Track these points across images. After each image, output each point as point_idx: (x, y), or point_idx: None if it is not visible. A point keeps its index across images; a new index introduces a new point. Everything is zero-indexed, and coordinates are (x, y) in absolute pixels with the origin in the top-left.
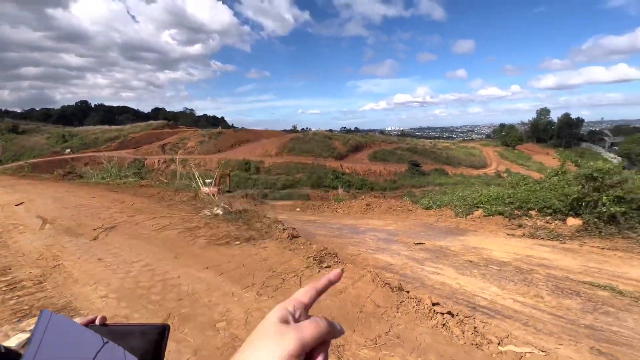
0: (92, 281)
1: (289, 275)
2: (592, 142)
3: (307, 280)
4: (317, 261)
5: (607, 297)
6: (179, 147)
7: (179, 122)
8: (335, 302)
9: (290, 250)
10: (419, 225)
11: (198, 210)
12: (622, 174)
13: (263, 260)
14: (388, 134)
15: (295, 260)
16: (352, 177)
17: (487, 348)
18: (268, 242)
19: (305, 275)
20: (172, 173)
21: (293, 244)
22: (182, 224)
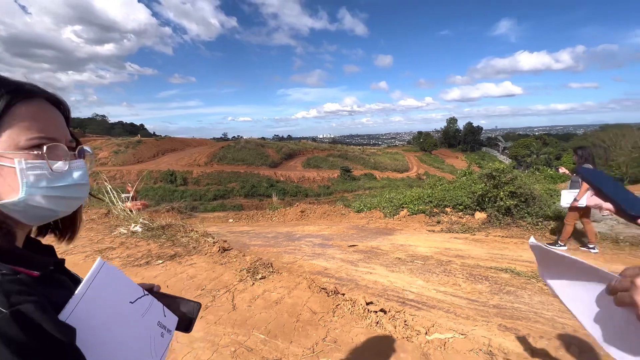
0: None
1: (220, 291)
2: (490, 147)
3: (240, 295)
4: (251, 273)
5: (508, 279)
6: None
7: (87, 130)
8: (271, 314)
9: (221, 265)
10: (352, 228)
11: (112, 228)
12: (513, 172)
13: (190, 279)
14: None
15: (226, 275)
16: (286, 184)
17: (417, 339)
18: (196, 258)
19: (239, 289)
20: None
21: (224, 258)
22: (90, 245)
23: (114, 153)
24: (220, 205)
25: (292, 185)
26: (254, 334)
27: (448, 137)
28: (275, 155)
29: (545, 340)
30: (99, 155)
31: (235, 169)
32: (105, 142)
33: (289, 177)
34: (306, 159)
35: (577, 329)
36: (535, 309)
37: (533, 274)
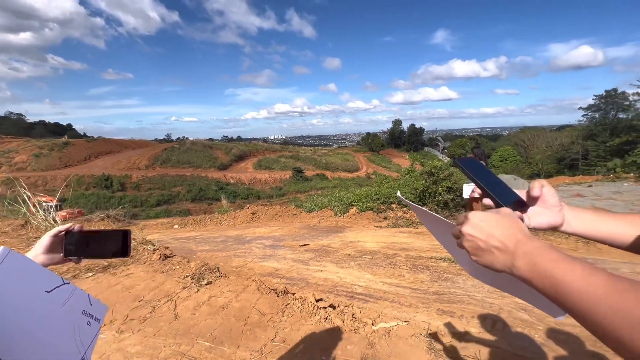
0: None
1: (160, 301)
2: (431, 147)
3: (183, 303)
4: (196, 279)
5: (446, 267)
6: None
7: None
8: (217, 319)
9: (163, 273)
10: (303, 228)
11: (30, 241)
12: (449, 169)
13: (126, 290)
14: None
15: (168, 283)
16: (237, 187)
17: (363, 330)
18: (133, 268)
19: (181, 297)
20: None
21: (166, 265)
22: None
23: (34, 156)
24: (165, 211)
25: (243, 187)
26: (198, 342)
27: (394, 137)
28: (224, 156)
29: (476, 319)
30: (14, 159)
31: (181, 172)
32: (23, 144)
33: (240, 179)
34: (257, 160)
35: (502, 307)
36: (469, 292)
37: None
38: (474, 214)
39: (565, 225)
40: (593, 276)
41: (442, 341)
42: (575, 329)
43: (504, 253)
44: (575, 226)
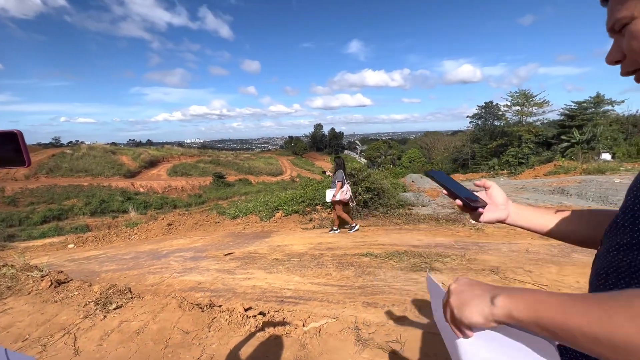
0: None
1: (54, 336)
2: (350, 150)
3: (86, 335)
4: (101, 305)
5: (368, 261)
6: None
7: None
8: (132, 347)
9: (55, 302)
10: (228, 236)
11: None
12: (367, 170)
13: (4, 330)
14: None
15: (64, 314)
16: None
17: (295, 332)
18: (12, 302)
19: (83, 328)
20: None
21: (59, 293)
22: None
23: None
24: (54, 229)
25: (156, 196)
26: None
27: (316, 141)
28: (131, 163)
29: (396, 306)
30: None
31: (75, 182)
32: None
33: (152, 187)
34: (172, 166)
35: (416, 292)
36: (389, 282)
37: (386, 254)
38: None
39: (509, 219)
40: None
41: (368, 331)
42: None
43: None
44: (517, 219)
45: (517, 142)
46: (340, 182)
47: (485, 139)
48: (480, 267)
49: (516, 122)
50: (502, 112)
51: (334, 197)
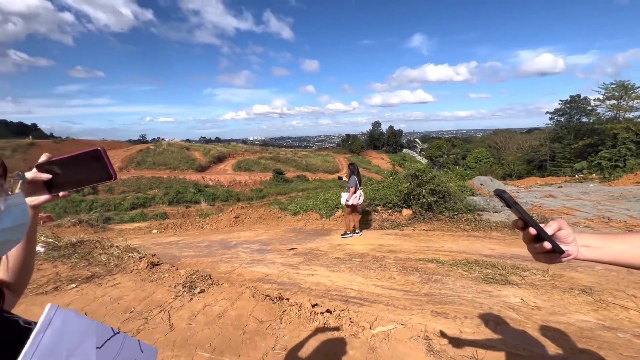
0: None
1: (153, 311)
2: (409, 149)
3: (177, 313)
4: (188, 288)
5: (435, 268)
6: None
7: None
8: (215, 329)
9: (152, 282)
10: (289, 231)
11: None
12: (432, 172)
13: (115, 301)
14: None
15: (159, 292)
16: (216, 189)
17: (363, 334)
18: (120, 277)
19: (175, 307)
20: None
21: (154, 274)
22: None
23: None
24: (140, 215)
25: (223, 189)
26: (197, 353)
27: (373, 139)
28: (202, 158)
29: (470, 319)
30: None
31: (157, 174)
32: None
33: (219, 181)
34: (237, 161)
35: (491, 307)
36: (459, 293)
37: (454, 262)
38: None
39: (579, 255)
40: None
41: (440, 342)
42: (561, 325)
43: None
44: (587, 254)
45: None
46: (354, 188)
47: (569, 137)
48: (567, 286)
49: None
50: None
51: (347, 201)
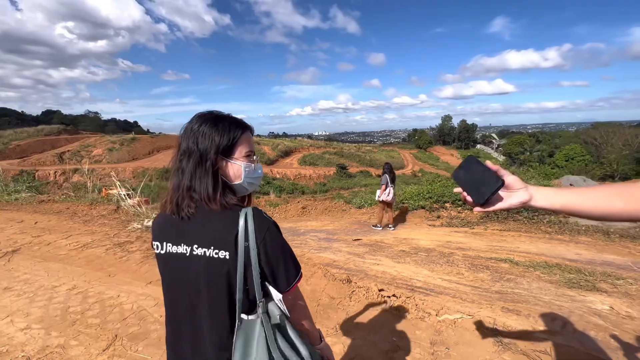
0: (3, 314)
1: None
2: (484, 144)
3: None
4: None
5: (508, 268)
6: (81, 156)
7: (80, 127)
8: None
9: None
10: (354, 223)
11: (124, 224)
12: (510, 169)
13: None
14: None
15: None
16: (282, 181)
17: (429, 319)
18: None
19: None
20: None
21: None
22: (108, 239)
23: (108, 150)
24: None
25: (289, 182)
26: None
27: (443, 134)
28: (271, 152)
29: (545, 319)
30: (92, 152)
31: None
32: (99, 140)
33: (285, 174)
34: (302, 156)
35: (572, 310)
36: (534, 294)
37: (531, 263)
38: None
39: (532, 201)
40: None
41: (510, 335)
42: None
43: None
44: (540, 201)
45: None
46: (384, 185)
47: None
48: None
49: None
50: None
51: (378, 197)
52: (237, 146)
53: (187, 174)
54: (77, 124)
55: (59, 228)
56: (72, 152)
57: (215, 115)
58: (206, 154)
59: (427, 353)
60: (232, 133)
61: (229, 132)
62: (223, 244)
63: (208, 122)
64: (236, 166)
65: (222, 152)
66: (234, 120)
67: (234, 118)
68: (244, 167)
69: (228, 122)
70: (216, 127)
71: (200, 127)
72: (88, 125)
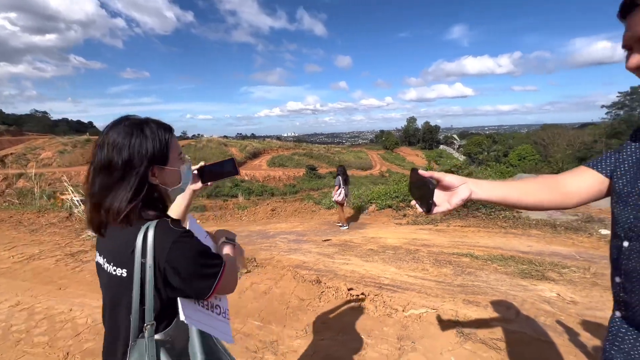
0: None
1: None
2: (446, 145)
3: None
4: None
5: (468, 262)
6: (27, 160)
7: (24, 128)
8: (262, 303)
9: None
10: (324, 224)
11: (78, 232)
12: (469, 168)
13: None
14: (285, 140)
15: None
16: (251, 184)
17: (396, 315)
18: None
19: None
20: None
21: None
22: (58, 249)
23: (59, 153)
24: None
25: (258, 184)
26: (249, 321)
27: (408, 135)
28: (239, 154)
29: (501, 308)
30: (41, 155)
31: None
32: (49, 142)
33: (254, 176)
34: (271, 157)
35: (525, 299)
36: (492, 285)
37: (489, 257)
38: None
39: (473, 194)
40: None
41: (470, 326)
42: (597, 319)
43: None
44: (480, 194)
45: None
46: (337, 186)
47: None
48: (609, 284)
49: None
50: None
51: (333, 197)
52: (170, 151)
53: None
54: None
55: (1, 239)
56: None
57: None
58: (134, 167)
59: (394, 348)
60: (163, 137)
61: (160, 137)
62: (121, 261)
63: (133, 130)
64: (174, 172)
65: (157, 160)
66: (160, 123)
67: (158, 121)
68: (182, 171)
69: (155, 126)
70: (144, 135)
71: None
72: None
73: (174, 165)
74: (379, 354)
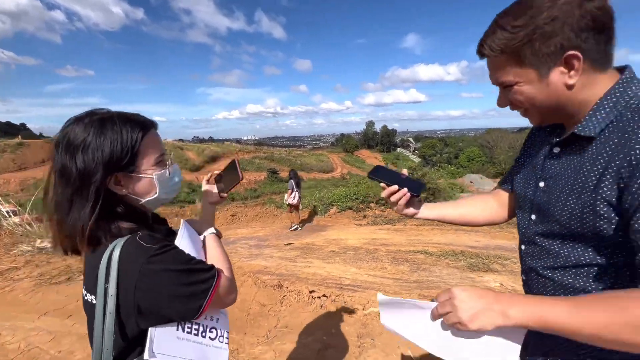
0: None
1: None
2: (403, 148)
3: None
4: None
5: (423, 259)
6: None
7: None
8: None
9: None
10: (286, 228)
11: (8, 247)
12: (423, 169)
13: None
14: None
15: None
16: None
17: (356, 314)
18: None
19: None
20: None
21: None
22: None
23: None
24: None
25: None
26: None
27: (367, 139)
28: (196, 158)
29: None
30: None
31: None
32: None
33: None
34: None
35: None
36: (444, 279)
37: (442, 253)
38: (457, 290)
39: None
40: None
41: None
42: None
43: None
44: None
45: None
46: (291, 190)
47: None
48: None
49: None
50: None
51: (285, 200)
52: (141, 154)
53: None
54: None
55: None
56: None
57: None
58: (89, 175)
59: (354, 346)
60: (129, 138)
61: (124, 137)
62: (91, 286)
63: (91, 128)
64: (146, 179)
65: (120, 167)
66: (129, 120)
67: (127, 116)
68: (156, 179)
69: (120, 123)
70: (103, 135)
71: (80, 137)
72: None
73: (146, 172)
74: (340, 352)
